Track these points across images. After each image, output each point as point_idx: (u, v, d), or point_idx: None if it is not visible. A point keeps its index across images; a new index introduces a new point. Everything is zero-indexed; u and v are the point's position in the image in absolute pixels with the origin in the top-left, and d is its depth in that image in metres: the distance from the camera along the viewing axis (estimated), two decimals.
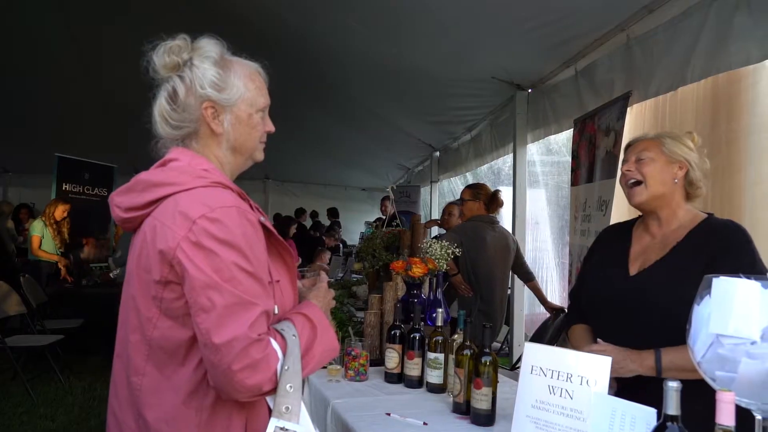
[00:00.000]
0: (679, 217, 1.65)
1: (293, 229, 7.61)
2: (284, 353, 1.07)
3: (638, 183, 1.65)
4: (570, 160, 3.50)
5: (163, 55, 1.18)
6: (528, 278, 3.92)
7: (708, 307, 1.17)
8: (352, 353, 2.13)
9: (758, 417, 1.09)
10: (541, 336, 3.71)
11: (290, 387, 1.05)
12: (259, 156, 1.34)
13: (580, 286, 1.87)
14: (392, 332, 2.15)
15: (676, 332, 1.53)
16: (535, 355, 1.51)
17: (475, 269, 3.92)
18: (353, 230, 8.78)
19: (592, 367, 1.41)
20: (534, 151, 4.39)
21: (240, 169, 1.32)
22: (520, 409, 1.49)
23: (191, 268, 1.02)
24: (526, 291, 4.14)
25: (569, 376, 1.43)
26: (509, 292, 4.39)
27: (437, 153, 6.58)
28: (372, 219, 7.29)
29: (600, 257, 1.83)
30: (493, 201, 3.89)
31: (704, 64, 2.26)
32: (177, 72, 1.18)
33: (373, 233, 3.66)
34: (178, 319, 1.07)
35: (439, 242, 2.64)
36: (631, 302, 1.61)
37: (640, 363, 1.55)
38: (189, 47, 1.20)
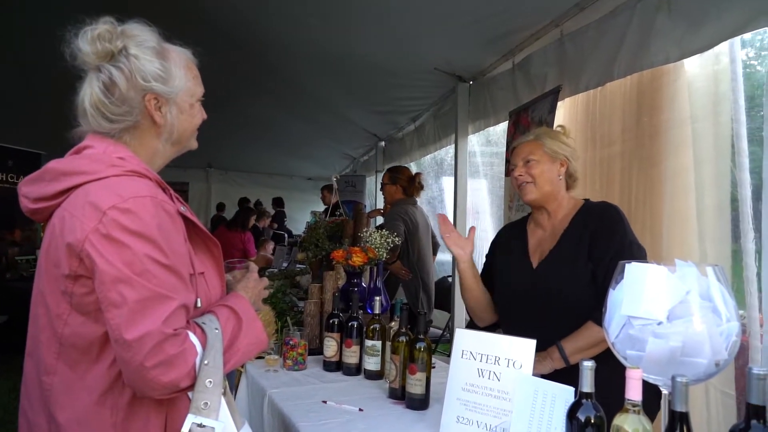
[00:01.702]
0: (564, 207, 1.81)
1: (252, 221, 7.42)
2: (204, 348, 1.04)
3: (530, 182, 1.79)
4: (505, 151, 3.61)
5: (92, 43, 1.11)
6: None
7: (622, 291, 1.25)
8: (291, 343, 2.13)
9: (664, 392, 1.18)
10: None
11: (210, 383, 1.03)
12: (194, 144, 1.32)
13: (488, 280, 1.98)
14: (330, 321, 2.17)
15: (577, 314, 1.67)
16: (465, 340, 1.57)
17: (413, 252, 4.06)
18: (299, 220, 8.70)
19: (518, 351, 1.47)
20: (475, 142, 4.49)
21: (172, 158, 1.29)
22: (451, 392, 1.54)
23: (101, 262, 0.98)
24: None
25: (497, 359, 1.49)
26: (450, 279, 4.50)
27: (382, 143, 6.60)
28: (318, 208, 7.24)
29: (502, 254, 1.96)
30: (411, 184, 4.08)
31: (629, 62, 2.37)
32: (111, 62, 1.13)
33: (317, 223, 3.66)
34: (90, 315, 1.03)
35: (379, 231, 2.67)
36: (538, 293, 1.75)
37: (551, 359, 1.68)
38: (119, 33, 1.14)
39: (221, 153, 8.69)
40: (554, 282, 1.75)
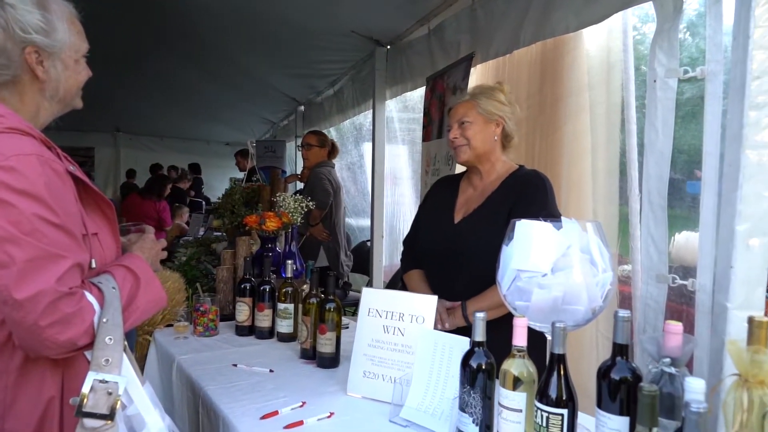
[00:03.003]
0: (497, 169, 1.84)
1: (168, 189, 7.06)
2: (102, 306, 1.04)
3: (464, 144, 1.81)
4: (423, 116, 3.66)
5: None
6: None
7: (512, 247, 1.33)
8: (201, 309, 2.10)
9: (549, 338, 1.27)
10: (394, 285, 3.94)
11: (110, 339, 1.02)
12: (79, 103, 1.26)
13: (414, 233, 2.02)
14: (242, 286, 2.15)
15: (490, 275, 1.73)
16: (371, 299, 1.61)
17: (336, 214, 4.12)
18: (217, 187, 8.41)
19: (421, 306, 1.54)
20: (393, 107, 4.50)
21: (55, 116, 1.23)
22: (358, 349, 1.59)
23: None
24: (385, 242, 4.33)
25: (401, 315, 1.55)
26: (369, 243, 4.56)
27: (302, 107, 6.47)
28: (238, 175, 7.02)
29: (431, 207, 1.99)
30: (334, 147, 4.19)
31: (534, 31, 2.46)
32: None
33: (232, 189, 3.57)
34: None
35: (293, 196, 2.65)
36: (455, 248, 1.78)
37: (454, 316, 1.75)
38: None
39: (130, 116, 8.18)
40: (472, 240, 1.77)
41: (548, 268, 1.27)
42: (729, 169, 1.59)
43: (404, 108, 4.40)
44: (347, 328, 2.14)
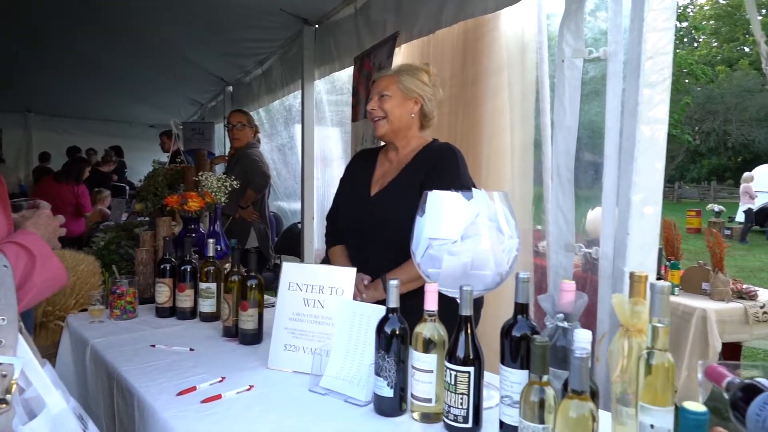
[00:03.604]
0: (412, 143, 1.88)
1: (87, 172, 6.64)
2: None
3: (382, 118, 1.83)
4: (351, 96, 3.67)
5: None
6: None
7: (425, 217, 1.37)
8: (118, 291, 2.03)
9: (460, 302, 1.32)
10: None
11: (2, 320, 0.97)
12: None
13: (335, 208, 2.03)
14: (162, 266, 2.10)
15: (407, 246, 1.78)
16: (292, 273, 1.62)
17: (267, 197, 4.09)
18: (141, 171, 8.05)
19: (340, 279, 1.56)
20: (322, 89, 4.47)
21: None
22: (279, 323, 1.59)
23: None
24: (316, 224, 4.32)
25: (321, 288, 1.57)
26: (300, 225, 4.54)
27: (230, 87, 6.29)
28: (162, 157, 6.74)
29: (350, 181, 2.01)
30: (257, 129, 4.15)
31: (454, 12, 2.51)
32: None
33: (155, 171, 3.44)
34: None
35: (216, 175, 2.60)
36: (371, 221, 1.81)
37: (375, 289, 1.78)
38: None
39: (43, 96, 7.65)
40: (388, 212, 1.80)
41: (458, 235, 1.32)
42: (626, 143, 1.71)
43: (333, 89, 4.38)
44: (273, 306, 2.14)
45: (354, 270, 1.57)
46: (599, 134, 1.85)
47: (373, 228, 1.82)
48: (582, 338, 0.99)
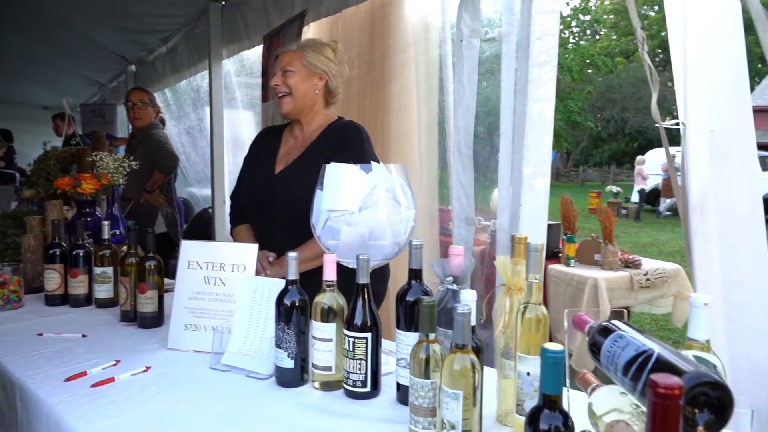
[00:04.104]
0: (317, 120, 1.87)
1: None
2: None
3: (286, 94, 1.81)
4: (261, 77, 3.58)
5: None
6: None
7: (324, 190, 1.38)
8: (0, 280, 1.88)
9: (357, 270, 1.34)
10: None
11: None
12: None
13: (239, 187, 2.00)
14: (51, 252, 1.96)
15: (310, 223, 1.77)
16: (191, 251, 1.58)
17: (173, 180, 3.92)
18: (33, 156, 7.42)
19: (241, 255, 1.54)
20: (231, 69, 4.33)
21: None
22: (179, 302, 1.55)
23: None
24: (227, 209, 4.20)
25: (222, 265, 1.54)
26: (210, 210, 4.41)
27: (132, 67, 5.93)
28: (55, 140, 6.24)
29: (254, 159, 1.98)
30: (159, 109, 3.98)
31: None
32: None
33: (47, 153, 3.19)
34: None
35: (112, 155, 2.46)
36: (276, 198, 1.79)
37: (280, 266, 1.77)
38: None
39: None
40: (292, 190, 1.78)
41: (356, 207, 1.35)
42: (518, 120, 1.80)
43: (243, 69, 4.25)
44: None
45: (256, 246, 1.55)
46: (495, 112, 1.93)
47: (277, 206, 1.81)
48: (468, 298, 1.05)
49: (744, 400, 0.80)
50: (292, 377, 1.29)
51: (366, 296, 1.22)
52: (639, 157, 14.44)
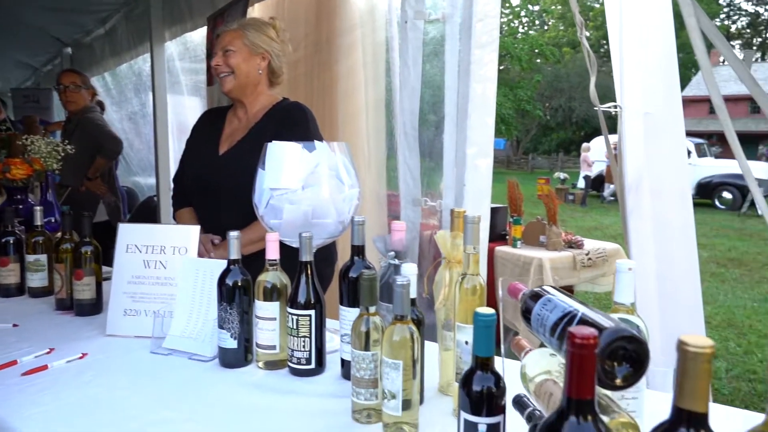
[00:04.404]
0: (261, 101, 1.84)
1: None
2: None
3: (228, 74, 1.77)
4: (205, 60, 3.48)
5: None
6: None
7: (266, 169, 1.36)
8: None
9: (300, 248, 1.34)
10: None
11: None
12: None
13: (182, 169, 1.94)
14: None
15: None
16: (129, 234, 1.53)
17: (115, 167, 3.78)
18: None
19: (182, 237, 1.50)
20: (174, 52, 4.18)
21: None
22: (117, 287, 1.50)
23: None
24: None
25: (163, 248, 1.50)
26: (156, 198, 4.27)
27: (68, 49, 5.64)
28: None
29: (196, 140, 1.93)
30: (95, 92, 3.81)
31: None
32: None
33: None
34: None
35: (45, 139, 2.34)
36: (220, 180, 1.76)
37: (225, 249, 1.73)
38: None
39: None
40: (237, 171, 1.73)
41: (298, 185, 1.34)
42: (461, 100, 1.83)
43: (186, 52, 4.12)
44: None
45: (197, 228, 1.52)
46: (440, 93, 1.95)
47: (222, 187, 1.77)
48: (408, 271, 1.07)
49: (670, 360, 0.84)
50: (236, 358, 1.28)
51: (309, 274, 1.22)
52: (584, 145, 14.93)
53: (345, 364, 1.21)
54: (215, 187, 1.76)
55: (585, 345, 0.55)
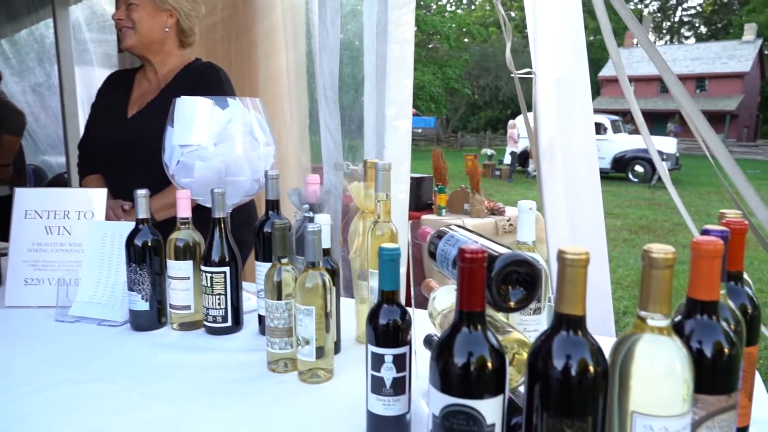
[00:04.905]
0: (171, 62, 1.76)
1: None
2: None
3: (129, 28, 1.68)
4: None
5: None
6: None
7: (174, 126, 1.31)
8: None
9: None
10: None
11: None
12: None
13: (87, 135, 1.84)
14: None
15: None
16: (28, 200, 1.43)
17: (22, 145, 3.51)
18: None
19: (89, 201, 1.43)
20: (80, 16, 3.89)
21: None
22: (16, 256, 1.41)
23: None
24: None
25: (66, 213, 1.42)
26: (66, 175, 4.01)
27: None
28: None
29: (103, 104, 1.83)
30: None
31: None
32: None
33: None
34: None
35: None
36: (130, 144, 1.67)
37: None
38: None
39: None
40: (147, 134, 1.62)
41: (209, 141, 1.30)
42: (379, 62, 1.82)
43: (93, 17, 3.85)
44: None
45: (104, 190, 1.45)
46: (359, 55, 1.94)
47: (131, 151, 1.68)
48: (322, 220, 1.07)
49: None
50: (149, 320, 1.24)
51: (223, 230, 1.20)
52: (511, 122, 15.40)
53: (262, 321, 1.20)
54: (124, 151, 1.67)
55: (474, 259, 0.57)
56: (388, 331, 0.78)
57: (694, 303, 0.62)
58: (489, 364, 0.57)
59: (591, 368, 0.55)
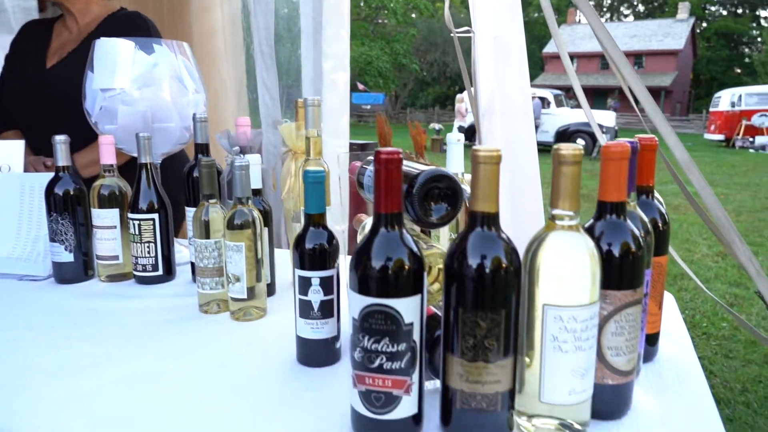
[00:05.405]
0: (94, 10, 1.66)
1: None
2: None
3: None
4: None
5: None
6: None
7: (95, 69, 1.24)
8: None
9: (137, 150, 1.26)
10: None
11: None
12: None
13: (2, 87, 1.72)
14: None
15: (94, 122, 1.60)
16: None
17: None
18: None
19: (5, 154, 1.35)
20: None
21: None
22: None
23: None
24: None
25: None
26: None
27: None
28: None
29: (18, 55, 1.71)
30: None
31: None
32: None
33: None
34: None
35: None
36: (49, 95, 1.58)
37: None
38: None
39: None
40: (68, 84, 1.54)
41: (132, 85, 1.24)
42: (316, 14, 1.79)
43: None
44: None
45: (22, 142, 1.37)
46: (295, 7, 1.90)
47: (52, 103, 1.59)
48: (252, 160, 1.05)
49: None
50: (74, 272, 1.19)
51: (151, 176, 1.15)
52: (458, 96, 15.53)
53: (194, 267, 1.17)
54: (44, 102, 1.58)
55: (390, 160, 0.57)
56: (314, 254, 0.78)
57: (604, 205, 0.65)
58: (406, 264, 0.58)
59: (504, 263, 0.57)
